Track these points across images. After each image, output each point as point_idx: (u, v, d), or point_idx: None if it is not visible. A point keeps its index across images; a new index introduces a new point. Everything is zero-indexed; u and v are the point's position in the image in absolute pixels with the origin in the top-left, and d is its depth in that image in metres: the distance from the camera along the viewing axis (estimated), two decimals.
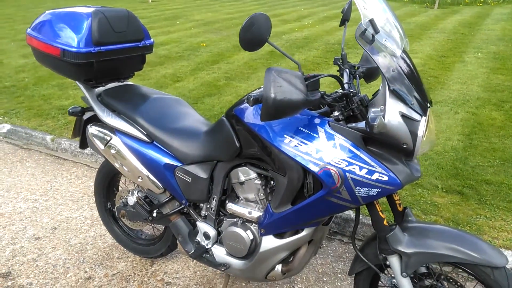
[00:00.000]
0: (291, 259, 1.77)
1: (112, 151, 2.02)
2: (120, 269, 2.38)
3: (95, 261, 2.44)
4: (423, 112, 1.38)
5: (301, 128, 1.51)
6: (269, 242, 1.70)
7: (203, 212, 1.93)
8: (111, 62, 2.03)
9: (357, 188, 1.41)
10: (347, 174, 1.41)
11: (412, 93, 1.37)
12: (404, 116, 1.36)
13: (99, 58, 1.96)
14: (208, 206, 1.90)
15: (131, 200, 2.15)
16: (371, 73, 1.69)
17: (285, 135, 1.51)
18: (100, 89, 2.13)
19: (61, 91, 5.31)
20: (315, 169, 1.44)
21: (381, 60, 1.37)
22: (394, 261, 1.54)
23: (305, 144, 1.47)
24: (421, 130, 1.36)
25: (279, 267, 1.75)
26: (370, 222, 1.63)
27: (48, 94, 5.21)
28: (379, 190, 1.41)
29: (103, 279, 2.29)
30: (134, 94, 2.13)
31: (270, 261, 1.73)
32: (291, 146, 1.49)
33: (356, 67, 1.69)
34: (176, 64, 6.49)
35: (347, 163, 1.41)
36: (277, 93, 1.25)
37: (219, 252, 1.88)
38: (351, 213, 2.65)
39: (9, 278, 2.29)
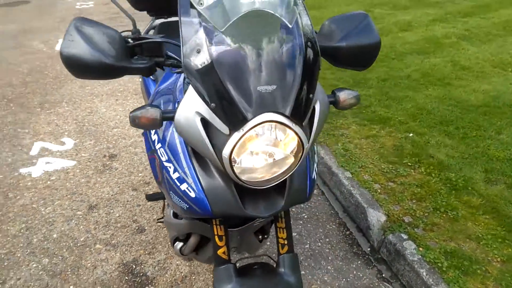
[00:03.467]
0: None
1: None
2: None
3: None
4: (235, 125, 0.88)
5: (166, 95, 1.25)
6: (167, 214, 1.56)
7: None
8: None
9: (171, 192, 1.10)
10: (164, 171, 1.11)
11: (225, 93, 0.88)
12: (205, 120, 0.92)
13: None
14: None
15: None
16: (335, 55, 1.13)
17: (153, 94, 1.30)
18: (159, 21, 2.22)
19: None
20: (148, 152, 1.20)
21: (193, 35, 0.93)
22: None
23: None
24: (227, 149, 0.90)
25: (178, 245, 1.59)
26: None
27: None
28: (188, 207, 1.06)
29: None
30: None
31: (169, 233, 1.59)
32: None
33: None
34: (420, 11, 5.63)
35: (167, 158, 1.11)
36: (65, 47, 1.03)
37: None
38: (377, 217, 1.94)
39: (112, 159, 2.94)
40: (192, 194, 1.03)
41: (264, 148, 0.93)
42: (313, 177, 1.12)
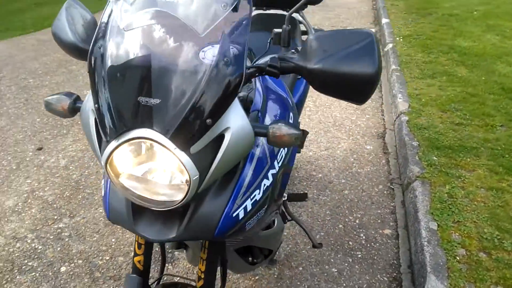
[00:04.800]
0: None
1: None
2: None
3: None
4: (110, 134, 0.79)
5: None
6: None
7: None
8: None
9: None
10: None
11: (105, 96, 0.80)
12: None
13: None
14: None
15: None
16: (312, 79, 0.92)
17: None
18: (256, 12, 2.13)
19: None
20: None
21: (105, 22, 0.86)
22: None
23: None
24: (103, 158, 0.82)
25: None
26: None
27: None
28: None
29: None
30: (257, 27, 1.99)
31: None
32: None
33: None
34: None
35: None
36: (53, 25, 1.09)
37: None
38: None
39: None
40: (102, 192, 1.00)
41: (144, 168, 0.82)
42: (233, 215, 0.94)
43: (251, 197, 0.97)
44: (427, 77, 3.83)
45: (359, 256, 2.04)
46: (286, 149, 1.11)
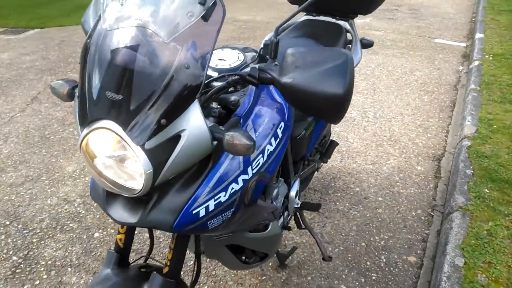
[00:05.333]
0: None
1: None
2: None
3: None
4: (82, 121, 0.90)
5: None
6: None
7: None
8: None
9: None
10: None
11: (83, 86, 0.91)
12: None
13: None
14: None
15: None
16: (282, 92, 0.96)
17: None
18: (306, 17, 2.13)
19: None
20: None
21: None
22: None
23: None
24: (79, 142, 0.93)
25: None
26: None
27: None
28: None
29: None
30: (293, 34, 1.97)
31: None
32: None
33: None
34: None
35: None
36: (84, 14, 1.24)
37: None
38: None
39: None
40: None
41: (116, 154, 0.92)
42: (193, 212, 1.00)
43: (215, 198, 1.02)
44: (507, 102, 3.50)
45: (374, 278, 1.98)
46: (265, 157, 1.13)
